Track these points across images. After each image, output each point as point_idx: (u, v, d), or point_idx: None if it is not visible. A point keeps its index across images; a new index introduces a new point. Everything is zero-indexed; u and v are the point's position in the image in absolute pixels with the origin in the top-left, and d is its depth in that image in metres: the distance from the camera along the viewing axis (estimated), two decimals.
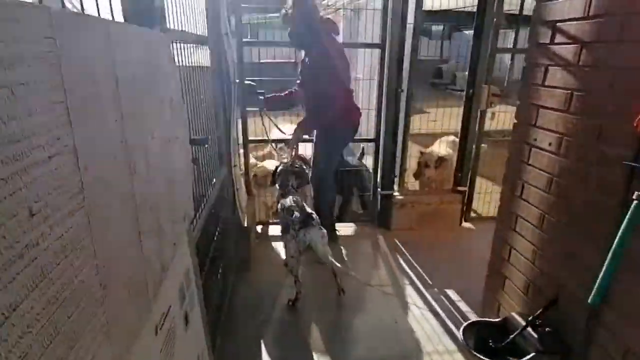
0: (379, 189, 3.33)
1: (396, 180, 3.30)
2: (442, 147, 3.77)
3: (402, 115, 3.09)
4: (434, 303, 2.42)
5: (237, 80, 2.72)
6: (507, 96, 3.08)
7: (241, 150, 3.01)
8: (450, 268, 2.79)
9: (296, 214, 2.29)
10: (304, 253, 2.29)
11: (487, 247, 2.11)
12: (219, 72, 2.19)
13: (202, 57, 1.97)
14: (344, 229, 3.33)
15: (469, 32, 3.00)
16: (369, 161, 3.73)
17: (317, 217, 2.33)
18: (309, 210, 2.38)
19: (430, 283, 2.63)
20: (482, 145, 3.29)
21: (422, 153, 3.58)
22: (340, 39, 3.83)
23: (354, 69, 4.08)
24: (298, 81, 2.87)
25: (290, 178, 2.67)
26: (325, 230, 2.31)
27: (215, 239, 2.02)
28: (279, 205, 2.51)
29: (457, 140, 3.77)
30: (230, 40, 2.45)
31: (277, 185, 2.70)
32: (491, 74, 3.04)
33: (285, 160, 2.82)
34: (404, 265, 2.86)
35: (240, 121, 2.92)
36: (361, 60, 3.41)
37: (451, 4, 5.09)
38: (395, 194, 3.32)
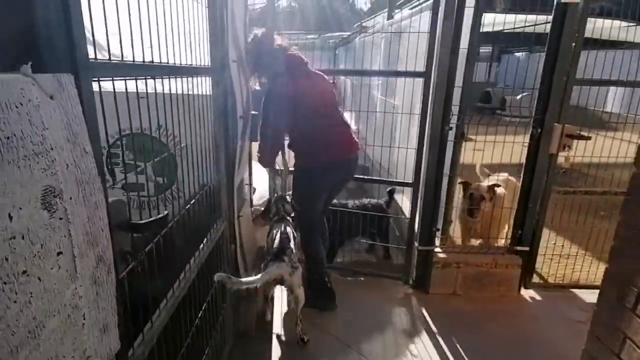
0: (415, 244, 2.76)
1: (438, 234, 2.71)
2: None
3: (449, 157, 2.53)
4: None
5: (253, 112, 2.32)
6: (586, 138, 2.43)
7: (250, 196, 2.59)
8: None
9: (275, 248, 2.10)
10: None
11: (566, 334, 1.46)
12: (222, 103, 1.79)
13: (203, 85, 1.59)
14: (365, 284, 2.76)
15: (519, 55, 2.46)
16: (401, 204, 3.18)
17: (293, 253, 2.11)
18: (291, 245, 2.14)
19: None
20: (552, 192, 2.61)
21: (466, 185, 2.89)
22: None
23: (393, 98, 3.56)
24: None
25: (284, 204, 2.45)
26: (299, 268, 2.08)
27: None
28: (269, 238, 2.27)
29: (513, 179, 3.13)
30: (242, 67, 2.06)
31: (270, 216, 2.47)
32: (566, 109, 2.42)
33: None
34: (446, 352, 2.23)
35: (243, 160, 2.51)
36: (400, 89, 2.82)
37: (504, 24, 4.49)
38: (437, 250, 2.74)
